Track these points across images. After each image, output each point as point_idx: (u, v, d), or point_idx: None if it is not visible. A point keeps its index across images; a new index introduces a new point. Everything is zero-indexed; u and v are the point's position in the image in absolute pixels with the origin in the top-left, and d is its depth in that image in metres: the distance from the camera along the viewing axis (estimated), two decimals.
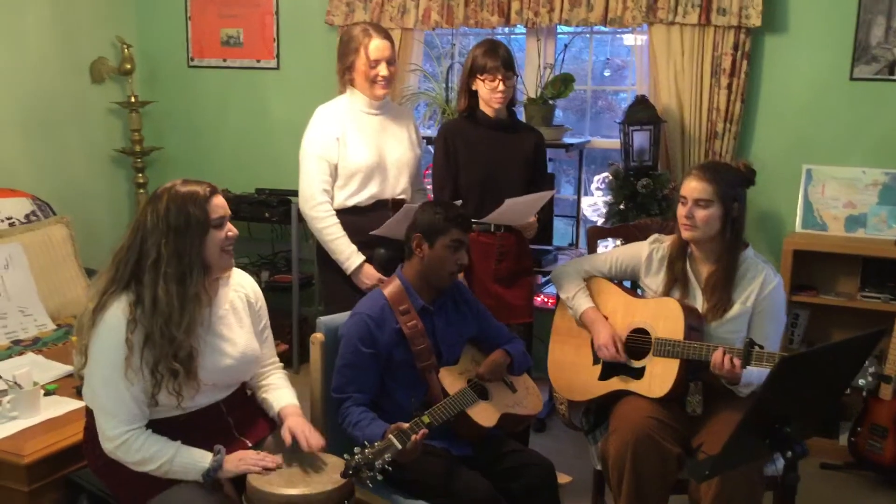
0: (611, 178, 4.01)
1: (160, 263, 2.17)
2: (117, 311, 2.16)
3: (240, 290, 2.44)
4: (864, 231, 3.77)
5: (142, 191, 5.07)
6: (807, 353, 1.91)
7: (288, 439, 2.34)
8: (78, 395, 2.99)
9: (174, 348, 2.16)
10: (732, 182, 2.71)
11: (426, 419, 2.32)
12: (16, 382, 2.79)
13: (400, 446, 2.18)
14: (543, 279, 4.07)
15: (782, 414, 1.93)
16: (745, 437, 1.93)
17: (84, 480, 2.51)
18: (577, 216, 4.47)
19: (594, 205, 4.49)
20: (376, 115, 3.27)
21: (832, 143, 3.85)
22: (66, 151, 4.81)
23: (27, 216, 4.16)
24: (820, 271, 3.83)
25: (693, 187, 2.68)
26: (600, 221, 4.38)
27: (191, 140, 5.21)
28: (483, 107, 3.25)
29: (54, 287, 4.03)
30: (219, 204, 2.27)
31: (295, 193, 4.71)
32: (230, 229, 2.30)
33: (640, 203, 3.85)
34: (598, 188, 4.48)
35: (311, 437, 2.32)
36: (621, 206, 3.89)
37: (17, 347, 3.55)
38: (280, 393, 2.49)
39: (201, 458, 2.22)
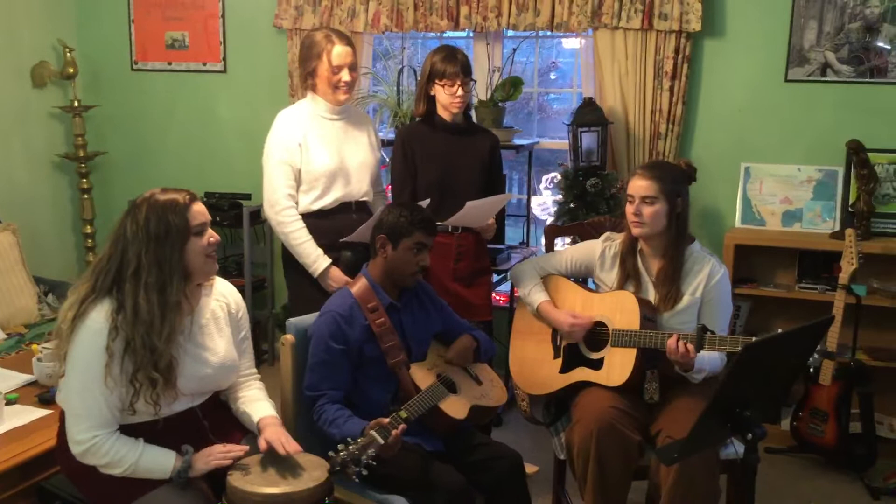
0: (560, 178, 4.13)
1: (141, 272, 2.19)
2: (99, 318, 2.17)
3: (221, 300, 2.45)
4: (801, 225, 3.96)
5: (86, 196, 5.00)
6: (766, 340, 2.03)
7: (263, 446, 2.34)
8: (40, 403, 2.98)
9: (155, 357, 2.18)
10: (675, 179, 2.86)
11: (403, 414, 2.39)
12: None
13: (382, 441, 2.24)
14: (497, 277, 4.16)
15: (743, 398, 2.05)
16: (709, 422, 2.05)
17: (56, 487, 2.49)
18: (527, 215, 4.58)
19: (543, 204, 4.61)
20: (337, 119, 3.31)
21: (769, 142, 4.04)
22: (8, 157, 4.72)
23: None
24: (759, 264, 4.01)
25: (639, 185, 2.82)
26: (549, 220, 4.50)
27: (136, 144, 5.15)
28: (440, 111, 3.33)
29: (2, 295, 3.98)
30: (199, 211, 2.29)
31: (245, 197, 4.78)
32: (211, 235, 2.32)
33: (590, 202, 3.97)
34: (546, 188, 4.60)
35: (287, 444, 2.33)
36: (571, 205, 4.01)
37: None
38: (258, 405, 2.49)
39: (166, 458, 2.24)
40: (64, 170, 5.07)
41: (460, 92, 3.25)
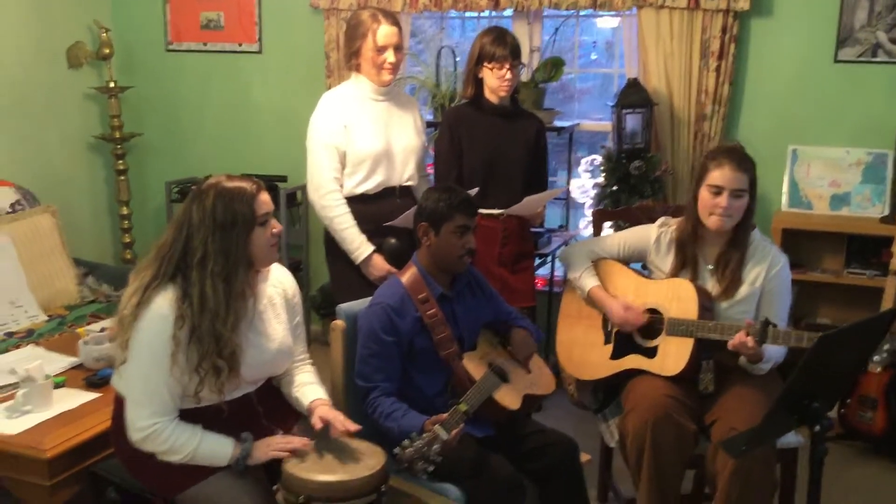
0: (602, 160, 4.06)
1: (207, 261, 2.16)
2: (164, 305, 2.15)
3: (278, 286, 2.43)
4: (849, 209, 3.89)
5: (122, 177, 4.99)
6: (841, 332, 1.98)
7: (318, 424, 2.32)
8: (88, 387, 2.97)
9: (220, 346, 2.16)
10: (755, 167, 2.77)
11: (463, 407, 2.34)
12: (29, 375, 2.75)
13: (446, 437, 2.22)
14: (538, 261, 4.12)
15: (811, 390, 2.01)
16: (778, 413, 2.01)
17: (108, 472, 2.48)
18: (567, 198, 4.52)
19: (582, 187, 4.55)
20: (382, 101, 3.26)
21: (817, 124, 3.96)
22: (44, 139, 4.71)
23: (12, 205, 4.07)
24: (806, 249, 3.95)
25: (731, 177, 2.68)
26: (588, 203, 4.45)
27: (171, 125, 5.13)
28: (488, 94, 3.28)
29: (43, 277, 3.97)
30: (264, 201, 2.26)
31: (281, 179, 4.76)
32: (274, 225, 2.29)
33: (633, 185, 3.91)
34: (585, 171, 4.54)
35: (346, 422, 2.30)
36: (614, 188, 3.95)
37: (13, 340, 3.50)
38: (310, 388, 2.47)
39: (225, 446, 2.23)
40: (99, 151, 5.06)
41: (509, 75, 3.20)
